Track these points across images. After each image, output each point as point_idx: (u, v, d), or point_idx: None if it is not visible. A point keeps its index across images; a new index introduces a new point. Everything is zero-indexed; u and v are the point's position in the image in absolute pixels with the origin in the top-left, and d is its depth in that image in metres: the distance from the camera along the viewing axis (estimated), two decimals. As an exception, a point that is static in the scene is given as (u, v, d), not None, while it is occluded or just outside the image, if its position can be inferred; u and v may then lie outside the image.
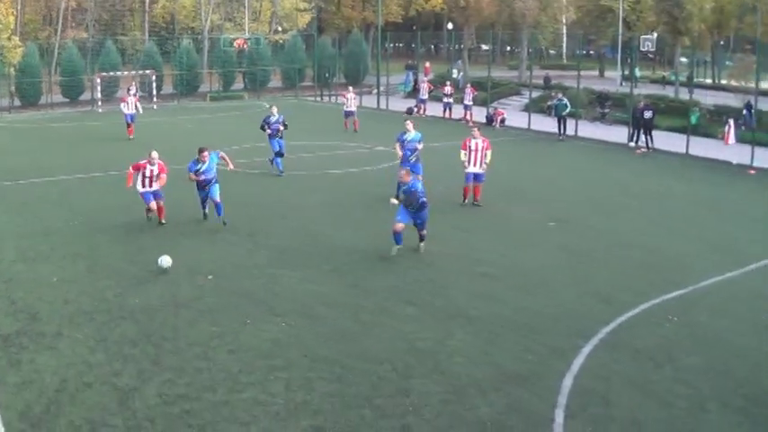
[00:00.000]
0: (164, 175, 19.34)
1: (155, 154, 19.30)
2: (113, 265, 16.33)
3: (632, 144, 35.12)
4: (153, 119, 41.15)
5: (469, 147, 21.64)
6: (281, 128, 26.41)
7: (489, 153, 21.79)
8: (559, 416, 10.14)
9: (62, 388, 10.65)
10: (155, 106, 50.89)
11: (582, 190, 25.47)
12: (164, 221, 19.57)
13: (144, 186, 19.34)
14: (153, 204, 19.38)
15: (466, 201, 22.11)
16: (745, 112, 38.10)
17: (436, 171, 24.65)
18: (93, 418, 9.75)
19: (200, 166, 19.17)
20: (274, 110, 27.02)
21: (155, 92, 53.94)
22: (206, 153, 19.28)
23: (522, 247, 18.35)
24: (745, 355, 12.26)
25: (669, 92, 48.68)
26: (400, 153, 22.26)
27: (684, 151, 32.96)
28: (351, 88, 42.11)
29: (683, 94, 42.45)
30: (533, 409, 10.34)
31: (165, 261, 15.59)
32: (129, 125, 35.33)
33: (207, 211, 19.85)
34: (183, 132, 38.99)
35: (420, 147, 22.21)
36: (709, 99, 42.26)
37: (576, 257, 17.50)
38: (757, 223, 21.10)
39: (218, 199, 19.35)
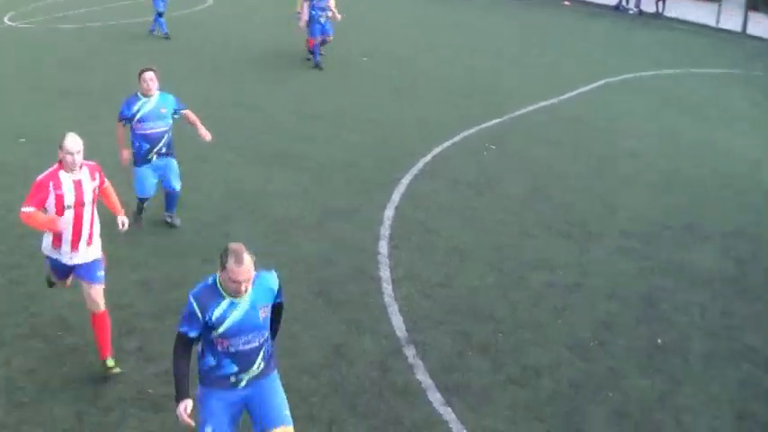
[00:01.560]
0: (110, 192, 8.21)
1: (72, 143, 7.24)
2: None
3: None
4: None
5: None
6: None
7: (333, 2, 19.35)
8: (383, 247, 10.31)
9: None
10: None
11: (394, 24, 25.42)
12: (113, 365, 7.58)
13: (58, 244, 7.50)
14: (69, 282, 8.12)
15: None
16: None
17: (259, 19, 23.80)
18: None
19: (139, 104, 10.16)
20: None
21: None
22: (151, 75, 10.11)
23: (340, 84, 18.26)
24: (564, 179, 12.75)
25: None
26: (305, 16, 19.07)
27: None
28: None
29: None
30: (358, 242, 10.48)
31: None
32: None
33: (175, 221, 11.05)
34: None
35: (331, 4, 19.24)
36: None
37: (392, 92, 17.61)
38: (573, 52, 21.72)
39: (177, 185, 10.89)
